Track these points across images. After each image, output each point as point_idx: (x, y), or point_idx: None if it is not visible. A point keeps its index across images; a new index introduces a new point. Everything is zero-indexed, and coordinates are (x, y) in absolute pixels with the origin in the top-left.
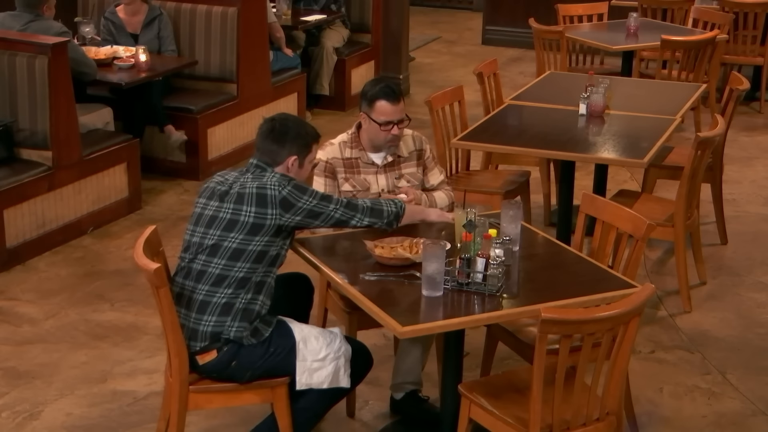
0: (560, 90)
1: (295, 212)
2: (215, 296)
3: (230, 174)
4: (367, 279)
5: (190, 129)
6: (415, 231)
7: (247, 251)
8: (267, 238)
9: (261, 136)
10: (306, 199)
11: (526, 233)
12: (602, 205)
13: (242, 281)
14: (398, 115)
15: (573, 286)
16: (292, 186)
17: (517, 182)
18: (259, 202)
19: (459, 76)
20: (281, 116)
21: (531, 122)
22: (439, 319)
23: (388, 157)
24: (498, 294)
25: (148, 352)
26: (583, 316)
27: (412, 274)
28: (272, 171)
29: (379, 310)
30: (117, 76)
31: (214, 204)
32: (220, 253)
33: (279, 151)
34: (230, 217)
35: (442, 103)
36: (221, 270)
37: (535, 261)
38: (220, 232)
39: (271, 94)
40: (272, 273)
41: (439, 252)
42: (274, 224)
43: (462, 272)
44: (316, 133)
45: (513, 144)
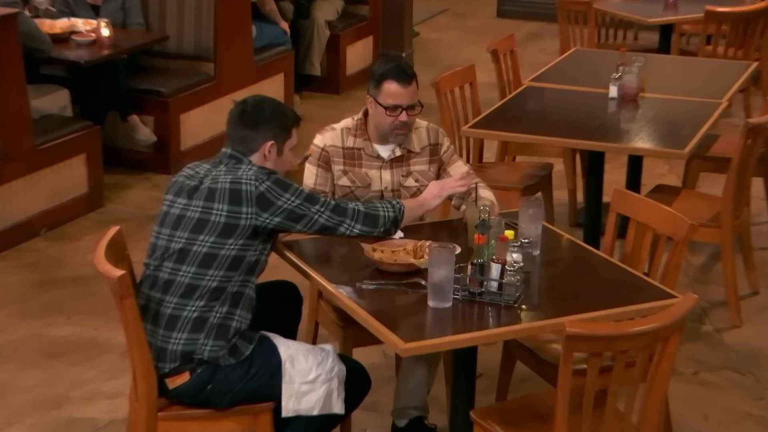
0: (587, 70)
1: (274, 212)
2: (185, 310)
3: (202, 166)
4: (364, 288)
5: (160, 114)
6: (420, 232)
7: (219, 257)
8: (242, 242)
9: (232, 121)
10: (287, 197)
11: (548, 235)
12: (636, 202)
13: (216, 292)
14: (408, 99)
15: (603, 296)
16: (271, 181)
17: (537, 176)
18: (232, 198)
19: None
20: (253, 98)
21: (554, 107)
22: (447, 335)
23: (397, 151)
24: (516, 305)
25: (110, 373)
26: (615, 331)
27: (417, 282)
28: (249, 162)
29: (379, 323)
30: (75, 53)
31: (182, 201)
32: (188, 259)
33: (252, 137)
34: (199, 216)
35: (451, 85)
36: (191, 279)
37: (559, 267)
38: (188, 235)
39: (254, 75)
40: (251, 282)
41: (448, 256)
42: (249, 225)
43: (474, 280)
44: (296, 116)
45: (533, 132)
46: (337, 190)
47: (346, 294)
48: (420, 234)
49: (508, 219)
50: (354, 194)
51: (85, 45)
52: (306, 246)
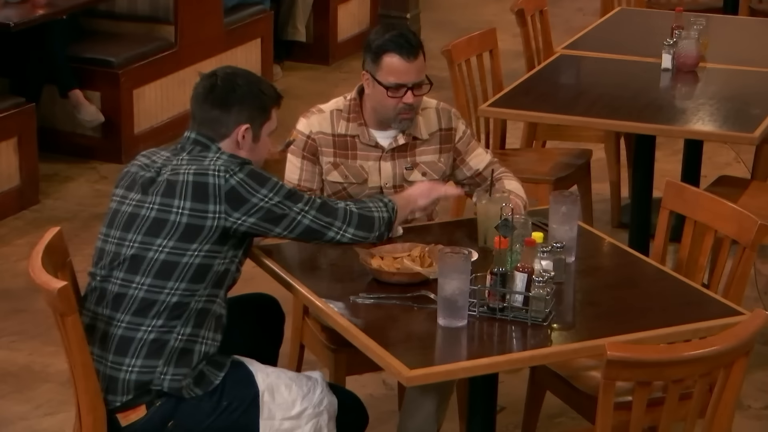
0: (634, 34)
1: (247, 212)
2: (139, 330)
3: (159, 154)
4: (360, 303)
5: (109, 90)
6: (428, 234)
7: (180, 265)
8: (208, 247)
9: (197, 99)
10: (264, 193)
11: (585, 238)
12: (694, 197)
13: (176, 309)
14: (414, 77)
15: (652, 313)
16: (245, 173)
17: (572, 166)
18: (196, 193)
19: (490, 15)
20: (224, 70)
21: (593, 80)
22: (461, 360)
23: (399, 138)
24: (545, 324)
25: (49, 407)
26: (667, 356)
27: (424, 295)
28: (217, 149)
29: (377, 346)
30: (2, 14)
31: (135, 197)
32: (143, 268)
33: (223, 119)
34: (156, 215)
35: (467, 53)
36: (146, 293)
37: (598, 277)
38: (142, 238)
39: (224, 41)
40: (220, 297)
41: (462, 264)
42: (217, 227)
43: (494, 293)
44: (276, 93)
45: (567, 112)
46: (326, 187)
47: (337, 310)
48: (428, 236)
49: (535, 218)
50: (346, 192)
51: (14, 3)
52: (289, 251)
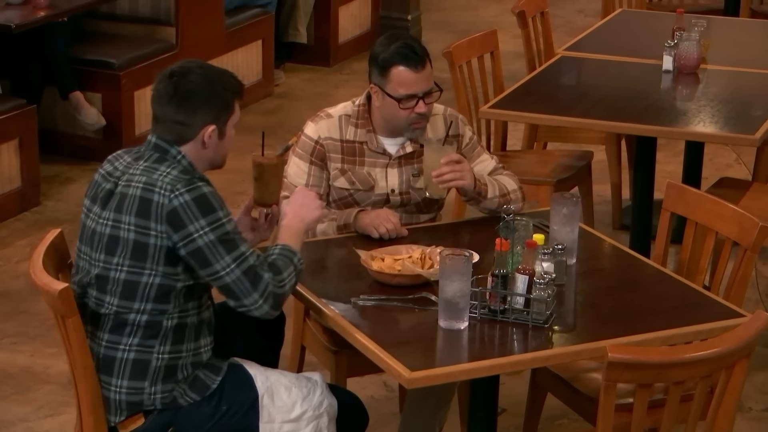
0: (635, 36)
1: (182, 239)
2: (118, 349)
3: (123, 159)
4: (361, 304)
5: (110, 91)
6: (429, 235)
7: (141, 285)
8: (162, 268)
9: (160, 101)
10: (201, 224)
11: (586, 240)
12: (695, 199)
13: (149, 329)
14: (424, 86)
15: (653, 315)
16: (192, 196)
17: (573, 168)
18: (141, 210)
19: (491, 17)
20: (182, 67)
21: (594, 82)
22: (462, 362)
23: (407, 146)
24: (546, 325)
25: (50, 408)
26: (668, 358)
27: (425, 297)
28: (177, 154)
29: (379, 348)
30: (3, 15)
31: (96, 211)
32: (109, 287)
33: (189, 122)
34: (110, 232)
35: (468, 55)
36: (116, 313)
37: (600, 279)
38: (104, 257)
39: (225, 43)
40: (194, 308)
41: (463, 266)
42: (160, 246)
43: (495, 295)
44: (237, 84)
45: (568, 113)
46: (333, 193)
47: (339, 312)
48: (429, 237)
49: (537, 220)
50: (353, 198)
51: (15, 5)
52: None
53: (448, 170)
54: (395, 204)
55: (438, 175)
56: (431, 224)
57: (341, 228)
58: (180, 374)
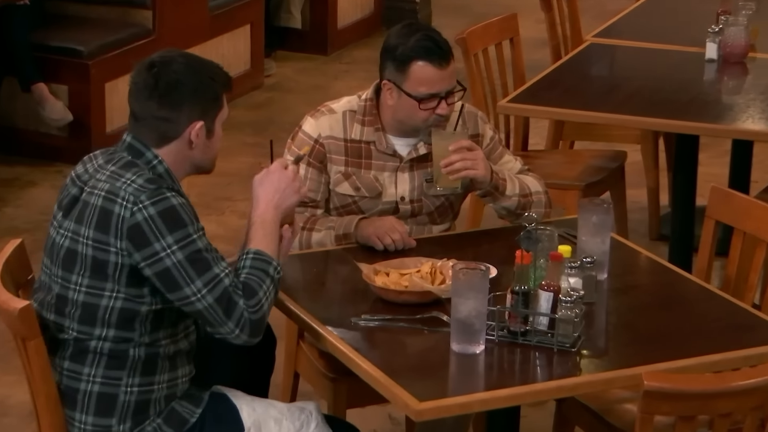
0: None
1: (146, 258)
2: (81, 381)
3: (100, 158)
4: (363, 325)
5: (78, 83)
6: (439, 246)
7: (101, 309)
8: (125, 290)
9: (138, 96)
10: (168, 242)
11: (619, 252)
12: (744, 206)
13: (114, 358)
14: (447, 84)
15: (696, 338)
16: (158, 209)
17: (604, 170)
18: (100, 222)
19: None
20: (163, 56)
21: (628, 73)
22: (478, 391)
23: (421, 147)
24: (574, 350)
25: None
26: (712, 386)
27: (436, 317)
28: (153, 156)
29: (383, 375)
30: None
31: (59, 219)
32: (68, 309)
33: (173, 119)
34: (69, 244)
35: (484, 42)
36: (76, 339)
37: (635, 296)
38: (62, 273)
39: (209, 28)
40: (166, 341)
41: (479, 282)
42: (122, 265)
43: (516, 315)
44: (225, 76)
45: (598, 108)
46: (334, 199)
47: (337, 334)
48: (440, 249)
49: (562, 229)
50: (357, 206)
51: None
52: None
53: (458, 158)
54: (405, 214)
55: (447, 164)
56: (442, 234)
57: (340, 238)
58: (153, 409)
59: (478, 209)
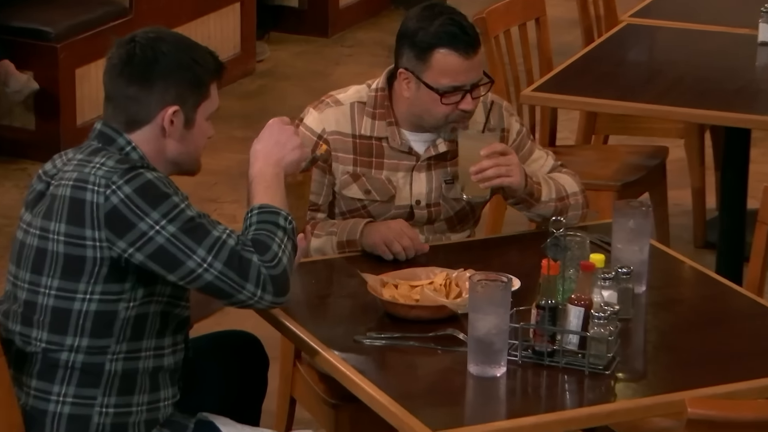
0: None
1: (133, 242)
2: (50, 400)
3: (70, 152)
4: (368, 344)
5: (45, 68)
6: (455, 254)
7: (74, 314)
8: (101, 288)
9: (110, 69)
10: (154, 218)
11: (659, 261)
12: None
13: (87, 374)
14: (474, 76)
15: (746, 359)
16: (134, 186)
17: (643, 168)
18: (71, 214)
19: None
20: (147, 34)
21: (669, 57)
22: (499, 419)
23: (440, 144)
24: (608, 372)
25: None
26: (763, 415)
27: (451, 335)
28: (127, 143)
29: (391, 401)
30: None
31: (27, 218)
32: (36, 317)
33: (143, 99)
34: (38, 244)
35: (506, 22)
36: (45, 351)
37: (677, 312)
38: (30, 276)
39: (193, 6)
40: (147, 354)
41: (500, 295)
42: (101, 258)
43: (541, 333)
44: (215, 61)
45: (636, 98)
46: (340, 203)
47: (339, 354)
48: (455, 258)
49: (595, 235)
50: (367, 211)
51: None
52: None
53: (490, 164)
54: (421, 219)
55: (478, 171)
56: (458, 241)
57: (343, 245)
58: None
59: (499, 213)
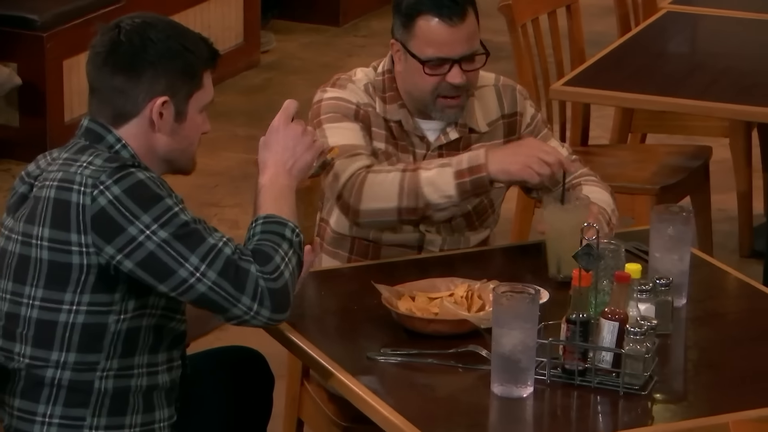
0: None
1: (121, 248)
2: (35, 422)
3: (55, 152)
4: (382, 362)
5: (30, 59)
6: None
7: (60, 327)
8: (88, 298)
9: (94, 59)
10: (145, 222)
11: (701, 272)
12: None
13: (76, 391)
14: (462, 47)
15: None
16: (123, 187)
17: (684, 170)
18: (56, 217)
19: None
20: (132, 19)
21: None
22: None
23: (450, 132)
24: (644, 393)
25: None
26: None
27: (473, 351)
28: (116, 141)
29: (407, 423)
30: None
31: (8, 223)
32: (19, 331)
33: (129, 90)
34: (20, 250)
35: (535, 10)
36: (29, 368)
37: (720, 327)
38: (12, 286)
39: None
40: (140, 371)
41: (526, 308)
42: (88, 266)
43: (572, 350)
44: (209, 49)
45: (676, 93)
46: None
47: (351, 372)
48: (477, 267)
49: (631, 243)
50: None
51: None
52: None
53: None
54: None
55: None
56: (481, 248)
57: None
58: None
59: (526, 218)
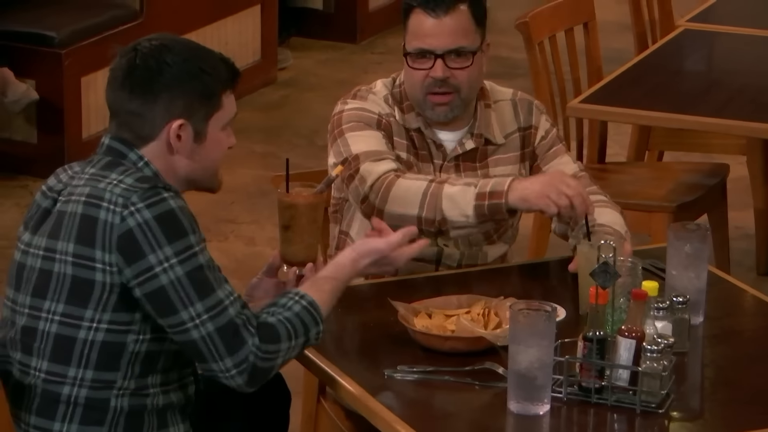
0: None
1: (137, 274)
2: None
3: (76, 166)
4: (399, 379)
5: (48, 76)
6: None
7: (78, 343)
8: (109, 316)
9: (112, 81)
10: (166, 254)
11: (718, 289)
12: None
13: (93, 409)
14: (445, 40)
15: None
16: (156, 212)
17: (701, 187)
18: (82, 232)
19: None
20: (150, 42)
21: (730, 66)
22: None
23: (467, 142)
24: (661, 411)
25: None
26: None
27: (489, 369)
28: (138, 158)
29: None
30: None
31: (26, 238)
32: (36, 345)
33: (146, 114)
34: (41, 265)
35: (552, 27)
36: (45, 383)
37: (738, 345)
38: (30, 301)
39: (209, 10)
40: (155, 390)
41: (543, 326)
42: (110, 285)
43: (589, 368)
44: (228, 69)
45: (693, 110)
46: None
47: (367, 389)
48: (494, 284)
49: (647, 261)
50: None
51: None
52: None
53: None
54: None
55: None
56: (498, 266)
57: (484, 196)
58: None
59: (543, 235)
